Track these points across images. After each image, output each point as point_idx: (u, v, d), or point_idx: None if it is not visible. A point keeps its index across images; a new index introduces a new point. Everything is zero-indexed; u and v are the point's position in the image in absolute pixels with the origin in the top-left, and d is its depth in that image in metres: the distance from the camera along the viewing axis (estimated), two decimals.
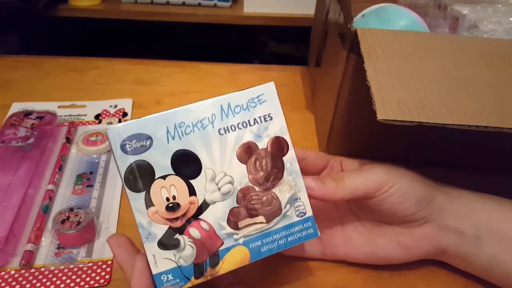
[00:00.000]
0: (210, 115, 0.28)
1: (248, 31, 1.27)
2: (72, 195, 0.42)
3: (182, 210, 0.27)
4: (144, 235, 0.27)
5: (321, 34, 0.52)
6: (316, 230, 0.30)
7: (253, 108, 0.29)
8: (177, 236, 0.27)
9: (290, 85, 0.61)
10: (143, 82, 0.60)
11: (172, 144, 0.27)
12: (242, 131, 0.28)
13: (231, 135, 0.28)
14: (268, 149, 0.29)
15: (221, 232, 0.28)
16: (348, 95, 0.41)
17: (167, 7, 1.07)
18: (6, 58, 0.63)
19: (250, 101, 0.29)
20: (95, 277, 0.34)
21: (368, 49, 0.34)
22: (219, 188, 0.28)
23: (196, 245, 0.27)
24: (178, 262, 0.27)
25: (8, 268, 0.35)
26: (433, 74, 0.33)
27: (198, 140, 0.27)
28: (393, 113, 0.29)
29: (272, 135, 0.29)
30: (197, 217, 0.28)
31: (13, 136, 0.45)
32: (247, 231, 0.28)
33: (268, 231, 0.29)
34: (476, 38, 0.41)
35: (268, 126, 0.29)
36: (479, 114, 0.29)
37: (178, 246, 0.27)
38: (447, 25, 0.46)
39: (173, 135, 0.27)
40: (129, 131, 0.26)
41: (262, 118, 0.29)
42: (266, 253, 0.29)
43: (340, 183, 0.31)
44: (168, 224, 0.27)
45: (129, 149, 0.26)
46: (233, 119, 0.28)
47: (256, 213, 0.28)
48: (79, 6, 1.06)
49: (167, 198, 0.27)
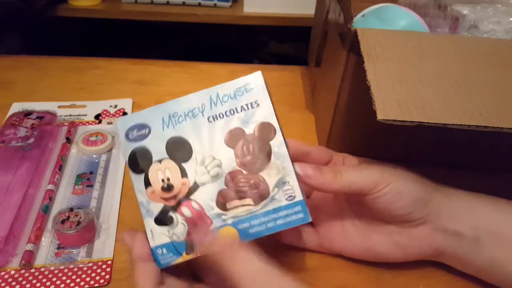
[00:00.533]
0: (200, 105, 0.31)
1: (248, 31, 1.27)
2: (72, 195, 0.42)
3: (175, 190, 0.30)
4: (143, 212, 0.31)
5: (321, 34, 0.52)
6: (307, 216, 0.30)
7: (240, 97, 0.31)
8: (171, 214, 0.30)
9: (290, 85, 0.61)
10: (143, 82, 0.60)
11: (166, 131, 0.31)
12: (229, 118, 0.30)
13: (220, 122, 0.30)
14: (255, 134, 0.30)
15: (210, 212, 0.30)
16: (348, 95, 0.41)
17: (167, 7, 1.07)
18: (6, 58, 0.63)
19: (237, 90, 0.31)
20: (95, 277, 0.34)
21: (368, 49, 0.34)
22: (208, 171, 0.30)
23: (187, 223, 0.30)
24: (172, 238, 0.30)
25: (8, 268, 0.35)
26: (433, 74, 0.33)
27: (189, 127, 0.30)
28: (393, 113, 0.29)
29: (259, 121, 0.30)
30: (188, 197, 0.30)
31: (13, 136, 0.45)
32: (235, 212, 0.30)
33: (256, 213, 0.30)
34: (476, 38, 0.41)
35: (255, 113, 0.30)
36: (479, 114, 0.29)
37: (172, 223, 0.30)
38: (447, 25, 0.46)
39: (167, 124, 0.31)
40: (131, 122, 0.31)
41: (249, 105, 0.31)
42: (255, 235, 0.30)
43: (338, 176, 0.32)
44: (163, 202, 0.30)
45: (131, 137, 0.31)
46: (221, 107, 0.31)
47: (243, 196, 0.30)
48: (79, 6, 1.06)
49: (162, 180, 0.30)
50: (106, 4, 1.08)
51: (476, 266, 0.33)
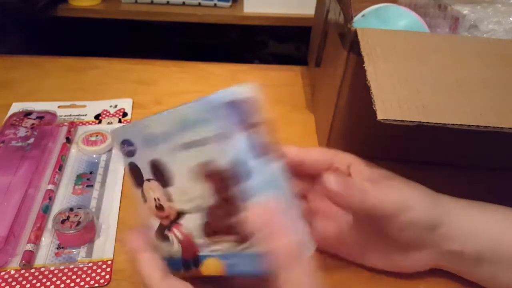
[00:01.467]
0: (170, 129, 0.26)
1: (248, 31, 1.27)
2: (72, 195, 0.42)
3: (166, 212, 0.28)
4: (146, 224, 0.29)
5: (321, 34, 0.52)
6: None
7: (214, 121, 0.24)
8: (166, 232, 0.29)
9: (290, 85, 0.61)
10: (143, 82, 0.59)
11: (148, 152, 0.27)
12: (202, 148, 0.25)
13: (192, 152, 0.25)
14: (232, 168, 0.24)
15: (196, 241, 0.27)
16: (348, 95, 0.41)
17: (167, 7, 1.06)
18: (6, 58, 0.63)
19: (211, 110, 0.24)
20: (95, 277, 0.34)
21: (368, 49, 0.34)
22: (190, 201, 0.27)
23: (181, 244, 0.28)
24: (170, 253, 0.29)
25: (8, 268, 0.35)
26: (433, 74, 0.33)
27: (166, 152, 0.26)
28: (393, 113, 0.29)
29: (235, 156, 0.24)
30: (177, 222, 0.28)
31: (13, 136, 0.45)
32: (219, 247, 0.26)
33: (242, 253, 0.26)
34: (476, 38, 0.41)
35: (231, 143, 0.24)
36: (479, 114, 0.29)
37: (168, 241, 0.29)
38: (447, 25, 0.46)
39: (147, 144, 0.27)
40: (121, 136, 0.28)
41: (224, 134, 0.24)
42: (241, 272, 0.26)
43: (365, 196, 0.29)
44: (159, 220, 0.29)
45: (123, 152, 0.29)
46: (193, 134, 0.25)
47: (227, 232, 0.26)
48: (79, 6, 1.06)
49: (154, 199, 0.28)
50: (106, 4, 1.08)
51: (475, 278, 0.33)
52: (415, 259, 0.33)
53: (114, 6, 1.07)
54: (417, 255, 0.32)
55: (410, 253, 0.33)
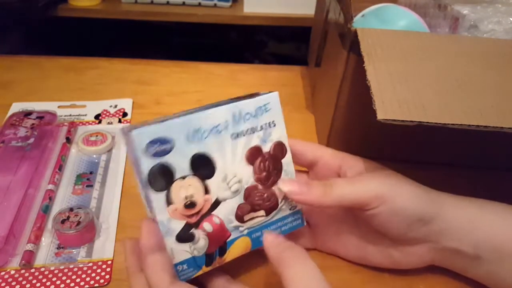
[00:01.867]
0: (224, 121, 0.30)
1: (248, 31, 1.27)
2: (72, 195, 0.42)
3: (198, 207, 0.30)
4: (163, 231, 0.29)
5: (321, 34, 0.52)
6: (303, 221, 0.35)
7: (260, 116, 0.31)
8: (192, 231, 0.30)
9: (290, 85, 0.61)
10: (143, 82, 0.60)
11: (191, 147, 0.29)
12: (250, 136, 0.31)
13: (242, 139, 0.31)
14: (271, 153, 0.32)
15: (229, 225, 0.31)
16: (348, 95, 0.41)
17: (167, 7, 1.06)
18: (6, 58, 0.63)
19: (258, 109, 0.31)
20: (95, 277, 0.34)
21: (368, 49, 0.34)
22: (230, 187, 0.31)
23: (208, 237, 0.31)
24: (193, 253, 0.30)
25: (8, 268, 0.35)
26: (433, 74, 0.33)
27: (214, 144, 0.30)
28: (393, 113, 0.29)
29: (274, 140, 0.32)
30: (210, 213, 0.30)
31: (13, 136, 0.45)
32: (250, 224, 0.32)
33: (267, 223, 0.33)
34: (476, 38, 0.41)
35: (272, 132, 0.32)
36: (479, 114, 0.29)
37: (193, 239, 0.30)
38: (447, 25, 0.46)
39: (192, 139, 0.29)
40: (151, 135, 0.28)
41: (267, 124, 0.32)
42: None
43: (327, 190, 0.31)
44: (185, 220, 0.30)
45: (151, 153, 0.28)
46: (243, 125, 0.31)
47: (258, 208, 0.32)
48: (79, 6, 1.06)
49: (185, 197, 0.29)
50: (106, 4, 1.08)
51: (473, 275, 0.33)
52: (412, 254, 0.33)
53: (114, 6, 1.07)
54: (414, 250, 0.32)
55: (406, 248, 0.33)
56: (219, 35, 1.31)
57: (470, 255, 0.31)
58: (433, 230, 0.31)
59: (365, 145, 0.41)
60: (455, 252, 0.32)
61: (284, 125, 0.32)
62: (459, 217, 0.31)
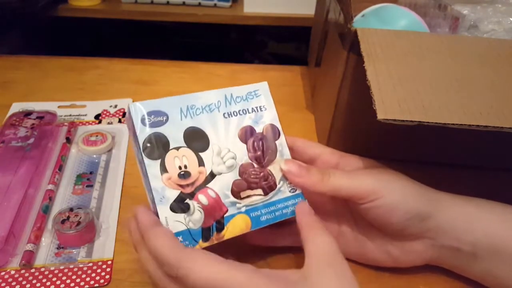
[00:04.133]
0: (216, 101, 0.33)
1: (248, 31, 1.27)
2: (72, 195, 0.42)
3: (192, 178, 0.31)
4: (157, 198, 0.30)
5: (321, 34, 0.52)
6: None
7: (251, 100, 0.34)
8: (187, 201, 0.31)
9: (290, 85, 0.61)
10: (143, 82, 0.60)
11: (184, 121, 0.31)
12: (242, 116, 0.33)
13: (234, 119, 0.33)
14: (264, 133, 0.34)
15: (225, 200, 0.32)
16: (348, 95, 0.41)
17: (167, 7, 1.06)
18: (6, 58, 0.63)
19: (248, 94, 0.34)
20: (95, 277, 0.34)
21: (368, 49, 0.34)
22: (224, 162, 0.32)
23: (204, 210, 0.31)
24: (188, 225, 0.30)
25: (8, 268, 0.35)
26: (433, 74, 0.33)
27: (206, 120, 0.32)
28: (393, 113, 0.29)
29: (267, 122, 0.34)
30: (205, 186, 0.31)
31: (13, 136, 0.45)
32: (248, 201, 0.32)
33: (266, 203, 0.33)
34: (476, 38, 0.41)
35: (263, 115, 0.34)
36: (479, 113, 0.29)
37: (188, 210, 0.30)
38: (447, 25, 0.46)
39: (185, 114, 0.32)
40: (148, 108, 0.31)
41: (258, 108, 0.34)
42: (265, 222, 0.33)
43: (325, 178, 0.31)
44: (179, 189, 0.30)
45: (148, 123, 0.30)
46: (235, 106, 0.33)
47: (255, 186, 0.33)
48: (79, 6, 1.06)
49: (179, 167, 0.31)
50: (106, 4, 1.08)
51: (471, 274, 0.33)
52: (411, 251, 0.33)
53: (114, 6, 1.07)
54: (412, 247, 0.33)
55: (405, 244, 0.33)
56: (219, 35, 1.31)
57: (468, 253, 0.31)
58: (431, 226, 0.31)
59: (365, 145, 0.41)
60: (453, 250, 0.32)
61: (276, 111, 0.34)
62: (457, 215, 0.32)
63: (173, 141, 0.31)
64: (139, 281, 0.34)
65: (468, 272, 0.33)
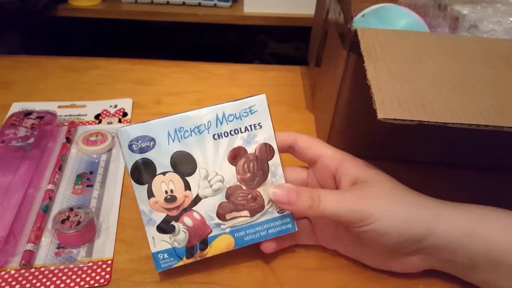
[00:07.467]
0: (206, 122, 0.31)
1: (248, 31, 1.27)
2: (72, 195, 0.42)
3: (178, 201, 0.32)
4: (145, 220, 0.32)
5: (321, 34, 0.52)
6: (294, 226, 0.34)
7: (244, 117, 0.32)
8: (173, 223, 0.32)
9: (290, 85, 0.61)
10: (143, 82, 0.60)
11: (172, 145, 0.31)
12: (233, 137, 0.32)
13: (224, 140, 0.32)
14: (256, 154, 0.33)
15: (210, 222, 0.33)
16: (348, 95, 0.41)
17: (167, 7, 1.07)
18: (6, 58, 0.63)
19: (243, 111, 0.32)
20: (95, 277, 0.34)
21: (368, 49, 0.34)
22: (211, 185, 0.32)
23: (188, 231, 0.32)
24: (173, 244, 0.32)
25: (8, 268, 0.35)
26: (433, 73, 0.33)
27: (195, 143, 0.32)
28: (393, 112, 0.29)
29: (260, 142, 0.33)
30: (190, 209, 0.32)
31: (13, 136, 0.45)
32: (233, 223, 0.33)
33: (252, 224, 0.33)
34: (476, 38, 0.41)
35: (257, 134, 0.32)
36: (480, 113, 0.29)
37: (174, 231, 0.32)
38: (447, 25, 0.46)
39: (173, 138, 0.31)
40: (136, 133, 0.31)
41: (252, 126, 0.32)
42: (249, 242, 0.33)
43: (315, 204, 0.31)
44: (166, 212, 0.32)
45: (135, 148, 0.31)
46: (226, 126, 0.32)
47: (241, 208, 0.33)
48: (79, 6, 1.06)
49: (165, 191, 0.31)
50: (106, 4, 1.08)
51: (472, 281, 0.33)
52: (407, 263, 0.33)
53: (114, 6, 1.07)
54: (408, 261, 0.33)
55: (401, 258, 0.33)
56: (219, 35, 1.31)
57: (467, 264, 0.31)
58: (425, 245, 0.31)
59: (365, 145, 0.41)
60: (450, 262, 0.32)
61: (272, 127, 0.33)
62: (455, 231, 0.30)
63: (159, 166, 0.31)
64: (139, 281, 0.34)
65: (467, 280, 0.33)
